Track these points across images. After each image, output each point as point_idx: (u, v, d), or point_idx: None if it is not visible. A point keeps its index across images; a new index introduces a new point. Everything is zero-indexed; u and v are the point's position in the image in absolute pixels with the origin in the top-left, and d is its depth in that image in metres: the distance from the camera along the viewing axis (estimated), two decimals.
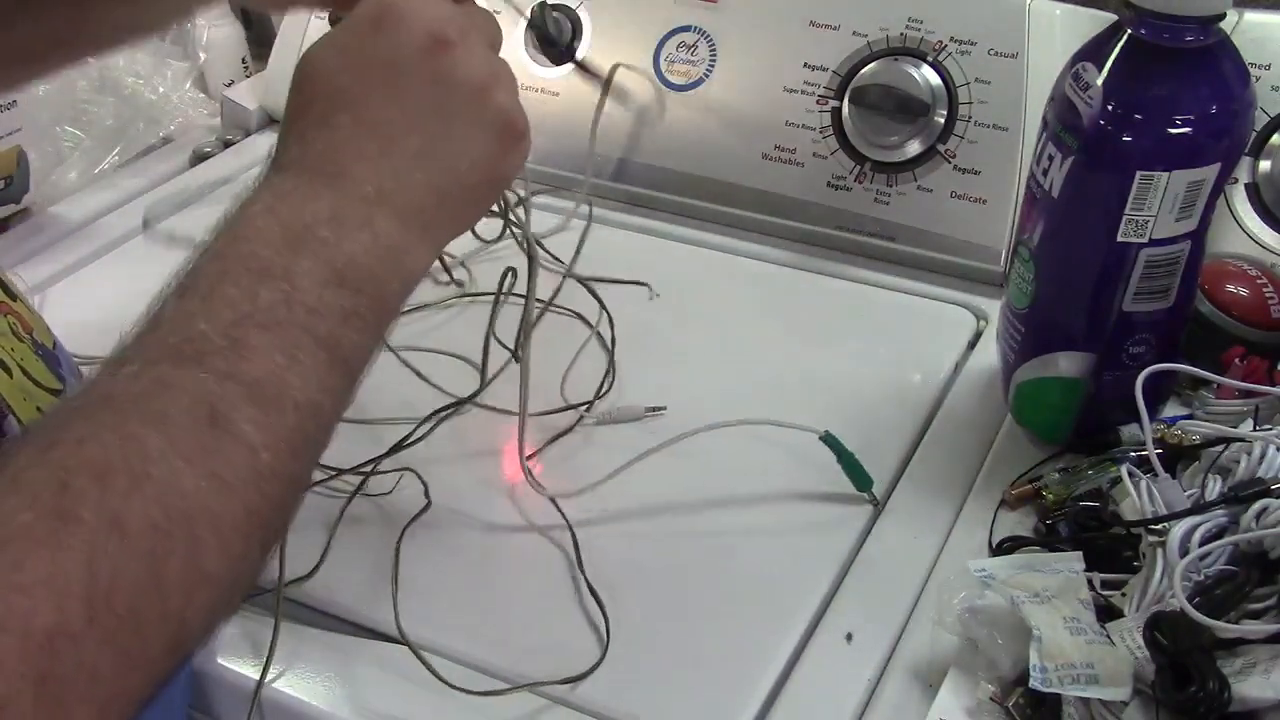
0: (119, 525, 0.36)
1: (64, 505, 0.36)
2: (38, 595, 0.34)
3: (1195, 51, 0.58)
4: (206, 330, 0.42)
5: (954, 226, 0.84)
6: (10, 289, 0.57)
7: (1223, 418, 0.64)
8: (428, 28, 0.50)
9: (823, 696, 0.56)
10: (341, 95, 0.49)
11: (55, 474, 0.37)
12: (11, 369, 0.52)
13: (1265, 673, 0.48)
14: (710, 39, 0.91)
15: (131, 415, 0.40)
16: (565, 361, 0.76)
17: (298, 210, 0.46)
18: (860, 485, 0.66)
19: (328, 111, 0.49)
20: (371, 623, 0.60)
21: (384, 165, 0.49)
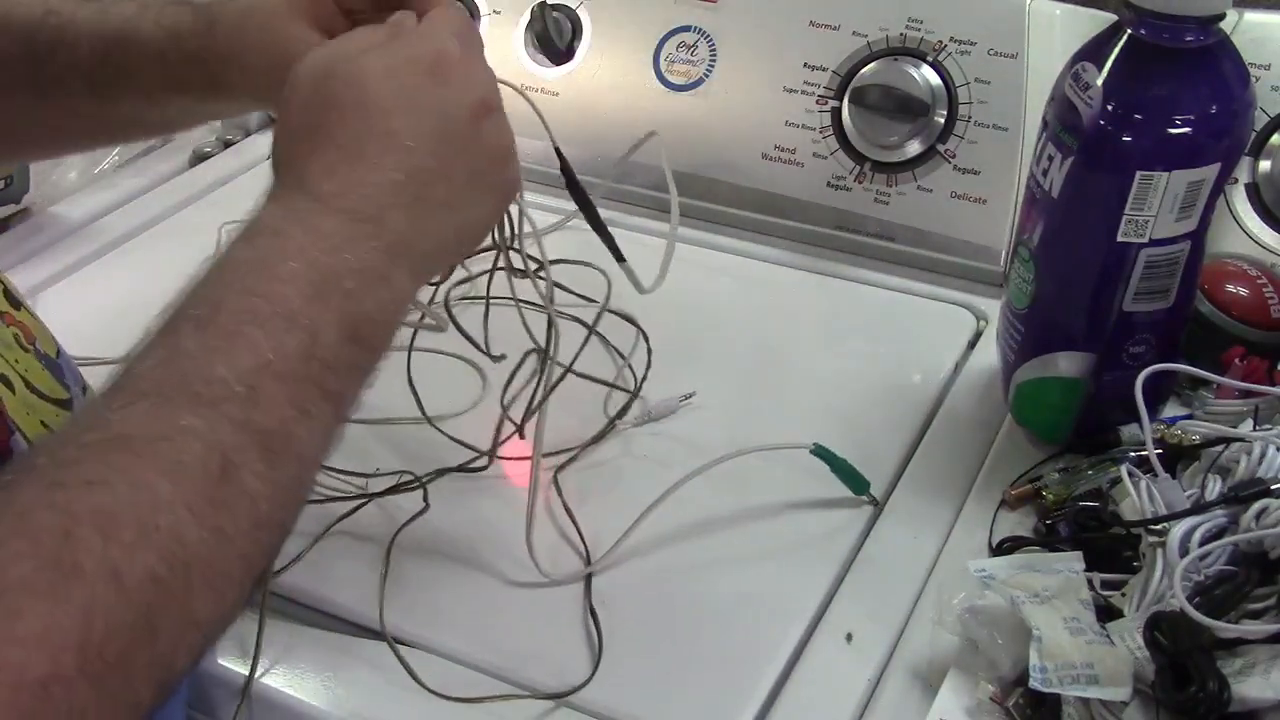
0: (118, 578, 0.36)
1: (66, 555, 0.36)
2: (32, 647, 0.34)
3: (1195, 51, 0.58)
4: (226, 375, 0.42)
5: (954, 226, 0.84)
6: (14, 297, 0.57)
7: (1223, 418, 0.64)
8: (481, 88, 0.51)
9: (823, 696, 0.56)
10: (392, 137, 0.48)
11: (60, 520, 0.36)
12: (15, 384, 0.51)
13: (1265, 673, 0.48)
14: (710, 39, 0.91)
15: (145, 460, 0.39)
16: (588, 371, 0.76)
17: (331, 257, 0.45)
18: (857, 489, 0.66)
19: (378, 150, 0.48)
20: (364, 620, 0.60)
21: (414, 216, 0.48)
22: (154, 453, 0.39)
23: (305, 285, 0.45)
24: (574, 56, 0.95)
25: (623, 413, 0.72)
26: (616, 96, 0.93)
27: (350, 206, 0.47)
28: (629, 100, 0.93)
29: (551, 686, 0.56)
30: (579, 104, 0.94)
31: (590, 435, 0.71)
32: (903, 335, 0.80)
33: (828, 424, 0.72)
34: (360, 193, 0.47)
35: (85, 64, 0.60)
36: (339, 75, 0.49)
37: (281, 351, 0.43)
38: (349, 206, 0.47)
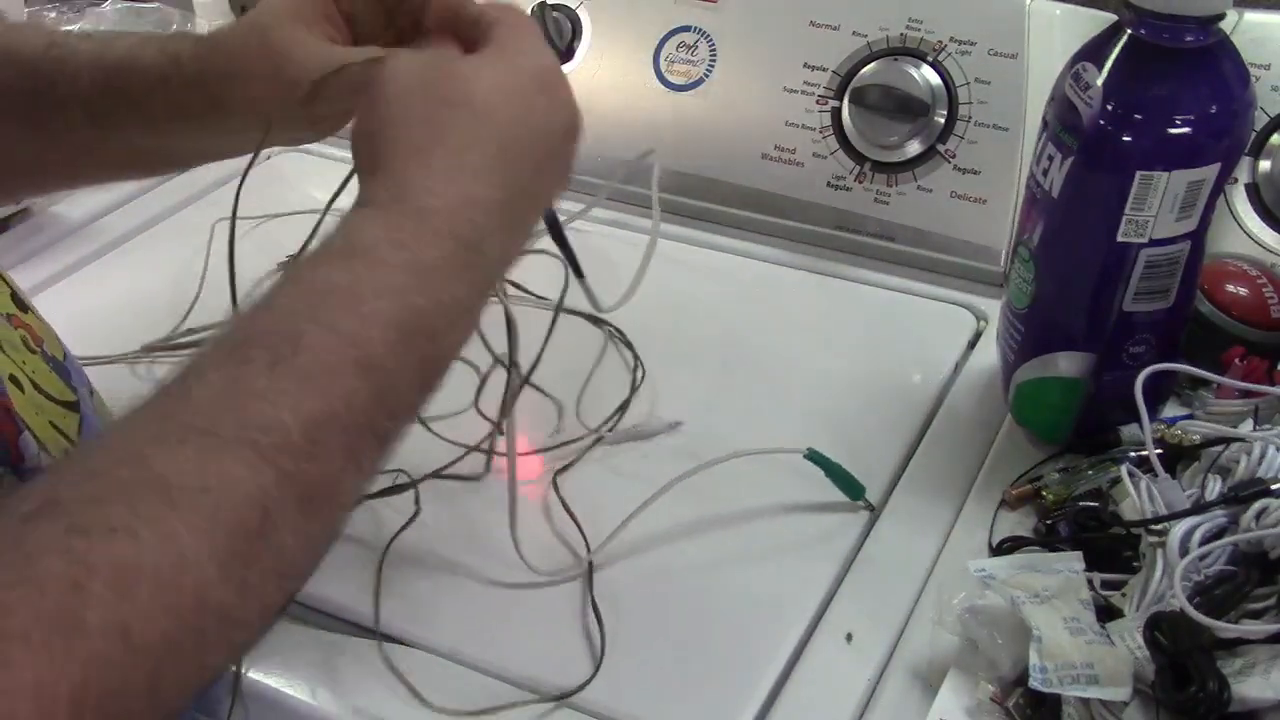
0: (127, 637, 0.34)
1: (72, 610, 0.34)
2: (21, 700, 0.32)
3: (1195, 51, 0.58)
4: (289, 424, 0.39)
5: (954, 226, 0.84)
6: (21, 300, 0.57)
7: (1223, 418, 0.64)
8: (574, 105, 0.49)
9: (823, 696, 0.56)
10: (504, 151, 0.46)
11: (73, 570, 0.34)
12: (24, 384, 0.51)
13: (1265, 673, 0.48)
14: (710, 39, 0.91)
15: (180, 512, 0.36)
16: (574, 372, 0.76)
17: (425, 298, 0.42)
18: (853, 495, 0.66)
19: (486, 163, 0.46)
20: (359, 619, 0.61)
21: (506, 240, 0.46)
22: (190, 504, 0.37)
23: (393, 329, 0.41)
24: (574, 56, 0.95)
25: (624, 408, 0.72)
26: (616, 96, 0.93)
27: (455, 230, 0.44)
28: (629, 100, 0.93)
29: (552, 685, 0.56)
30: (579, 104, 0.94)
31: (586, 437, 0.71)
32: (903, 335, 0.80)
33: (827, 424, 0.72)
34: (467, 214, 0.44)
35: (86, 93, 0.58)
36: (448, 74, 0.47)
37: (352, 403, 0.40)
38: (456, 232, 0.44)
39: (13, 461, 0.48)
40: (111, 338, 0.78)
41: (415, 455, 0.66)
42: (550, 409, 0.73)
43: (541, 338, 0.68)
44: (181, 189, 0.99)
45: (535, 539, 0.63)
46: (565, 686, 0.56)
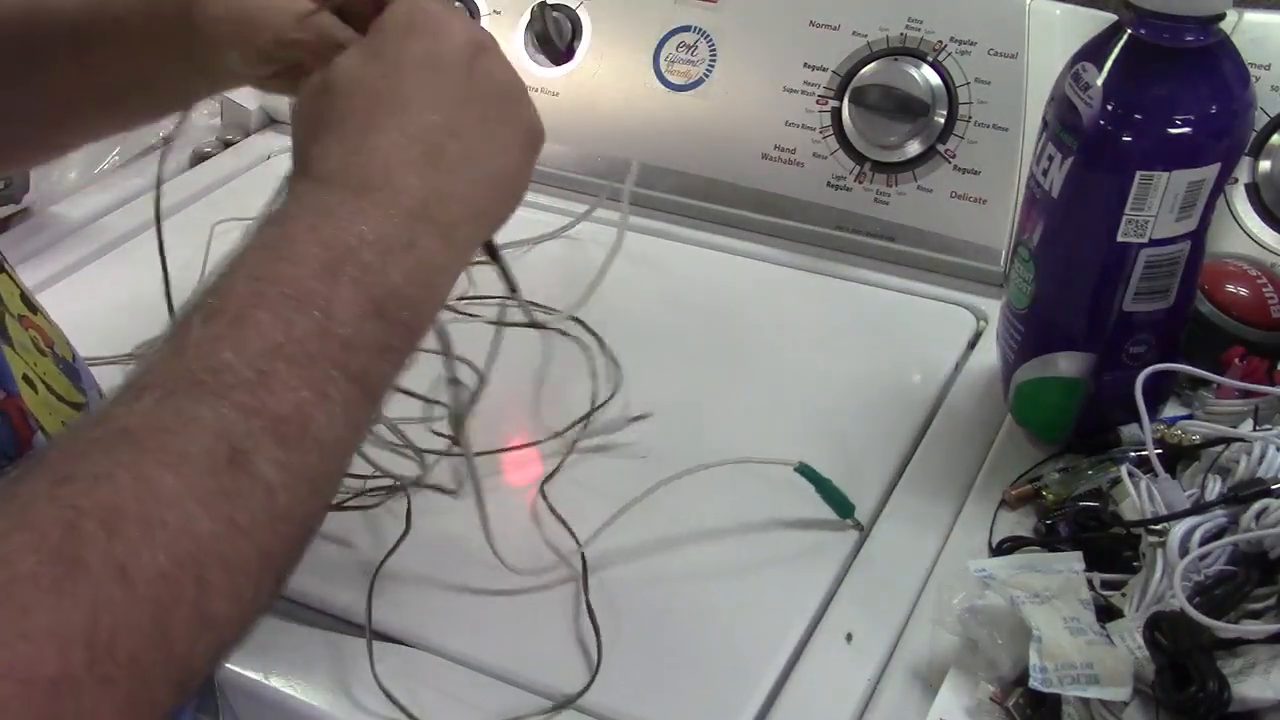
0: (124, 575, 0.35)
1: (70, 550, 0.35)
2: (41, 643, 0.33)
3: (1195, 51, 0.58)
4: (232, 360, 0.40)
5: (954, 226, 0.84)
6: (31, 301, 0.57)
7: (1223, 418, 0.64)
8: (465, 31, 0.49)
9: (823, 696, 0.56)
10: (382, 101, 0.47)
11: (64, 513, 0.35)
12: (37, 385, 0.51)
13: (1265, 673, 0.48)
14: (710, 39, 0.91)
15: (149, 453, 0.38)
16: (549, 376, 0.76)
17: (342, 230, 0.44)
18: (842, 513, 0.65)
19: (370, 119, 0.46)
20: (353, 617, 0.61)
21: (429, 174, 0.46)
22: (158, 445, 0.38)
23: (315, 265, 0.43)
24: (574, 56, 0.95)
25: (590, 413, 0.72)
26: (616, 96, 0.93)
27: (355, 179, 0.45)
28: (629, 100, 0.93)
29: (551, 689, 0.56)
30: (579, 104, 0.94)
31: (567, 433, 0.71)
32: (903, 335, 0.80)
33: (828, 424, 0.72)
34: (360, 162, 0.45)
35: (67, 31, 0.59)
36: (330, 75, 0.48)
37: (292, 333, 0.41)
38: (355, 178, 0.45)
39: None
40: (112, 338, 0.78)
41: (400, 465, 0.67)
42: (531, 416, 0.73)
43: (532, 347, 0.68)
44: (182, 189, 0.99)
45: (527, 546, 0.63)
46: (564, 690, 0.56)
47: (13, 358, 0.50)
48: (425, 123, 0.47)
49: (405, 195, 0.45)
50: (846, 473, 0.68)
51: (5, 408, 0.47)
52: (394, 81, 0.47)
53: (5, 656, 0.32)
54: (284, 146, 1.04)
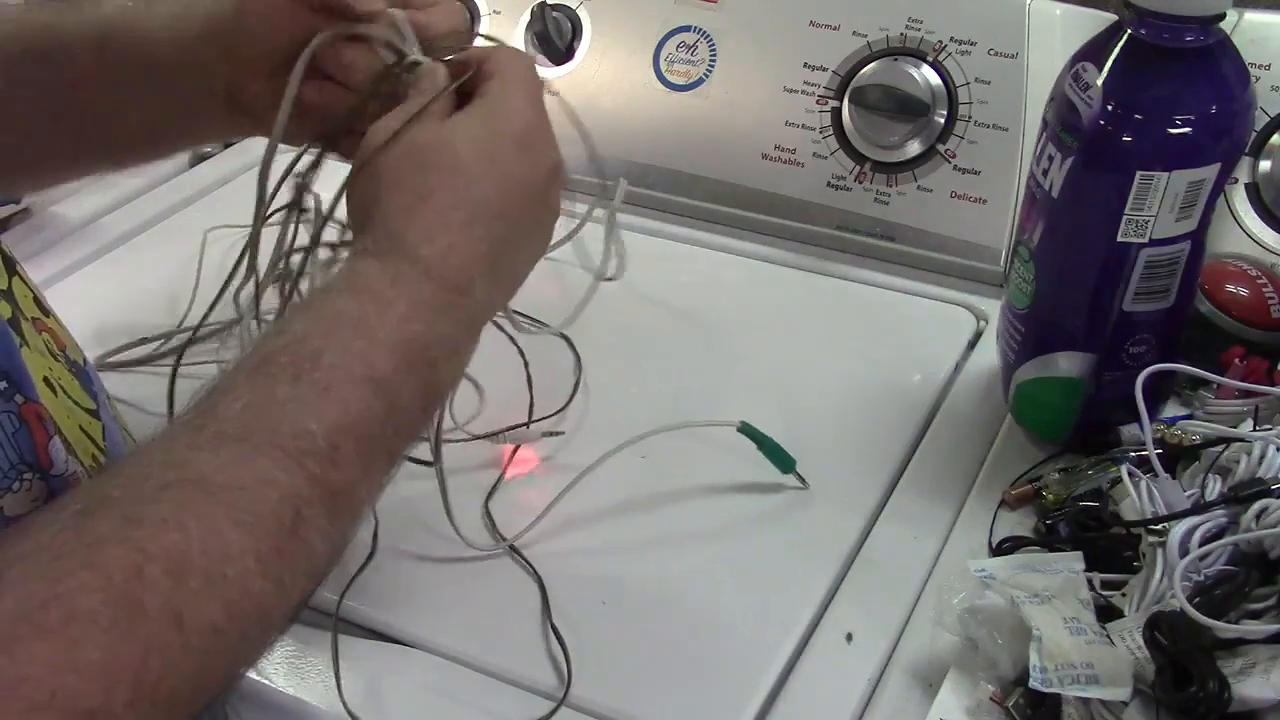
0: (180, 623, 0.37)
1: (134, 594, 0.36)
2: (89, 678, 0.35)
3: (1195, 51, 0.58)
4: (315, 430, 0.42)
5: (954, 226, 0.84)
6: (44, 305, 0.57)
7: (1223, 418, 0.64)
8: (556, 155, 0.52)
9: (823, 696, 0.56)
10: (485, 207, 0.50)
11: (133, 557, 0.37)
12: (56, 387, 0.52)
13: (1265, 673, 0.48)
14: (710, 39, 0.91)
15: (222, 508, 0.39)
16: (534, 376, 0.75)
17: (425, 327, 0.47)
18: (784, 468, 0.66)
19: (470, 219, 0.49)
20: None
21: (492, 283, 0.50)
22: (231, 502, 0.40)
23: (398, 353, 0.46)
24: (574, 56, 0.95)
25: (564, 408, 0.72)
26: (616, 96, 0.93)
27: (446, 276, 0.48)
28: (629, 100, 0.93)
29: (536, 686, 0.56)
30: (579, 104, 0.93)
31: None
32: (903, 335, 0.80)
33: (828, 424, 0.72)
34: (455, 263, 0.49)
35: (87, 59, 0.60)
36: (430, 140, 0.51)
37: (366, 415, 0.44)
38: (445, 276, 0.48)
39: (43, 467, 0.48)
40: (111, 338, 0.78)
41: None
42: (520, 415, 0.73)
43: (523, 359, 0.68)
44: (182, 189, 0.99)
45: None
46: (545, 687, 0.56)
47: (33, 360, 0.50)
48: (506, 235, 0.50)
49: (475, 303, 0.49)
50: (847, 472, 0.68)
51: (24, 413, 0.48)
52: (496, 189, 0.50)
53: (51, 686, 0.34)
54: (283, 146, 1.04)
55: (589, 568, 0.63)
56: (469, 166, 0.50)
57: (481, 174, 0.50)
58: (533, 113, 0.53)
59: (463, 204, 0.50)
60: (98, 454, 0.53)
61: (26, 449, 0.47)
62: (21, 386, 0.48)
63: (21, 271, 0.56)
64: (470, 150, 0.50)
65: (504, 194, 0.51)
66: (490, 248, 0.50)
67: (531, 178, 0.52)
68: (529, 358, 0.73)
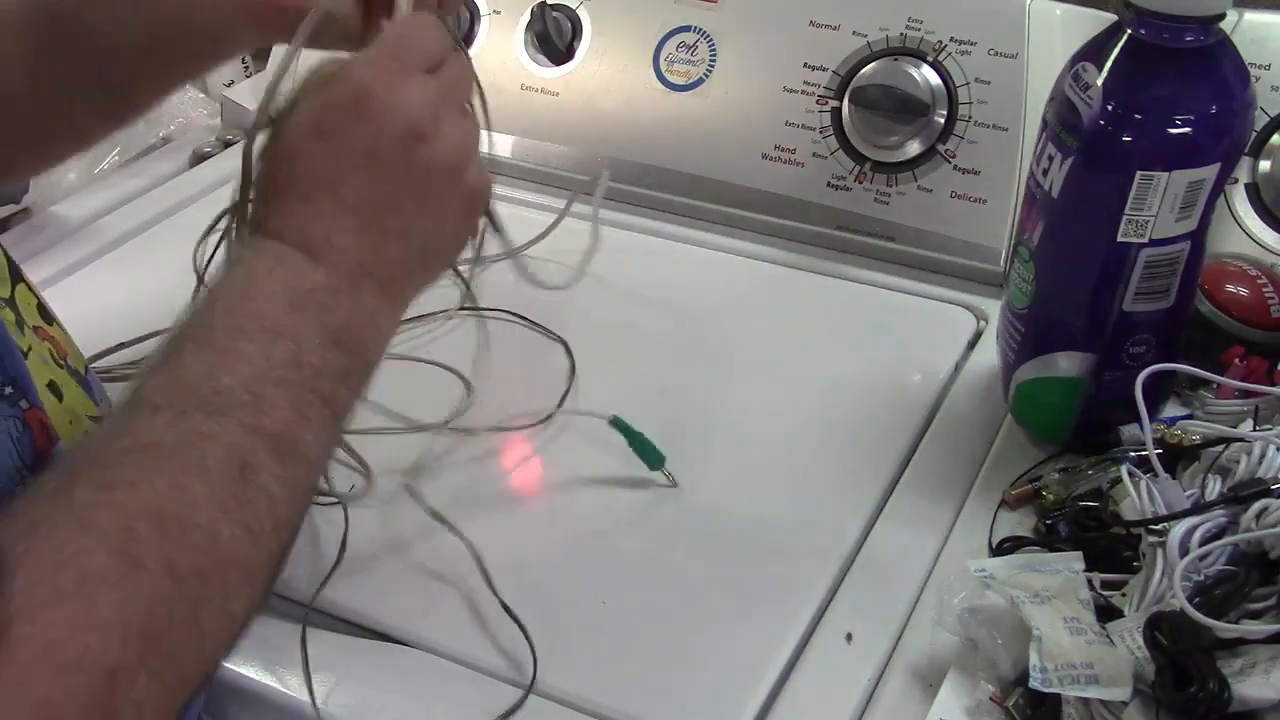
0: (173, 572, 0.39)
1: (131, 550, 0.38)
2: (108, 634, 0.37)
3: (1195, 51, 0.58)
4: (231, 385, 0.45)
5: (954, 226, 0.84)
6: (47, 312, 0.57)
7: (1223, 418, 0.64)
8: (405, 118, 0.52)
9: (823, 696, 0.56)
10: (321, 178, 0.51)
11: (121, 516, 0.39)
12: (61, 392, 0.52)
13: (1265, 673, 0.48)
14: (710, 39, 0.91)
15: (177, 464, 0.42)
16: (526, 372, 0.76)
17: (298, 276, 0.49)
18: (652, 464, 0.67)
19: (309, 191, 0.51)
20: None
21: (364, 241, 0.51)
22: (183, 457, 0.42)
23: (280, 299, 0.48)
24: (574, 56, 0.95)
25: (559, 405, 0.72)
26: (616, 96, 0.93)
27: (300, 239, 0.50)
28: (629, 100, 0.93)
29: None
30: (579, 104, 0.94)
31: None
32: (903, 335, 0.80)
33: (827, 424, 0.72)
34: (302, 225, 0.50)
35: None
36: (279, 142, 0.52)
37: (273, 360, 0.46)
38: (299, 239, 0.50)
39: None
40: (111, 338, 0.78)
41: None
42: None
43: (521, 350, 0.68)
44: (182, 189, 0.99)
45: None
46: (562, 693, 0.56)
47: (37, 366, 0.50)
48: (360, 199, 0.51)
49: (344, 255, 0.50)
50: (846, 472, 0.68)
51: (28, 419, 0.48)
52: (335, 162, 0.52)
53: (76, 648, 0.36)
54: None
55: (588, 567, 0.63)
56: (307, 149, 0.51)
57: (317, 151, 0.51)
58: (370, 75, 0.52)
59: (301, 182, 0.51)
60: None
61: (28, 453, 0.48)
62: (26, 392, 0.48)
63: (26, 279, 0.56)
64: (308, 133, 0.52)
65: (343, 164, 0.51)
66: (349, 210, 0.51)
67: (373, 144, 0.52)
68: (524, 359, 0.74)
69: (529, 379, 0.76)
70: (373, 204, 0.52)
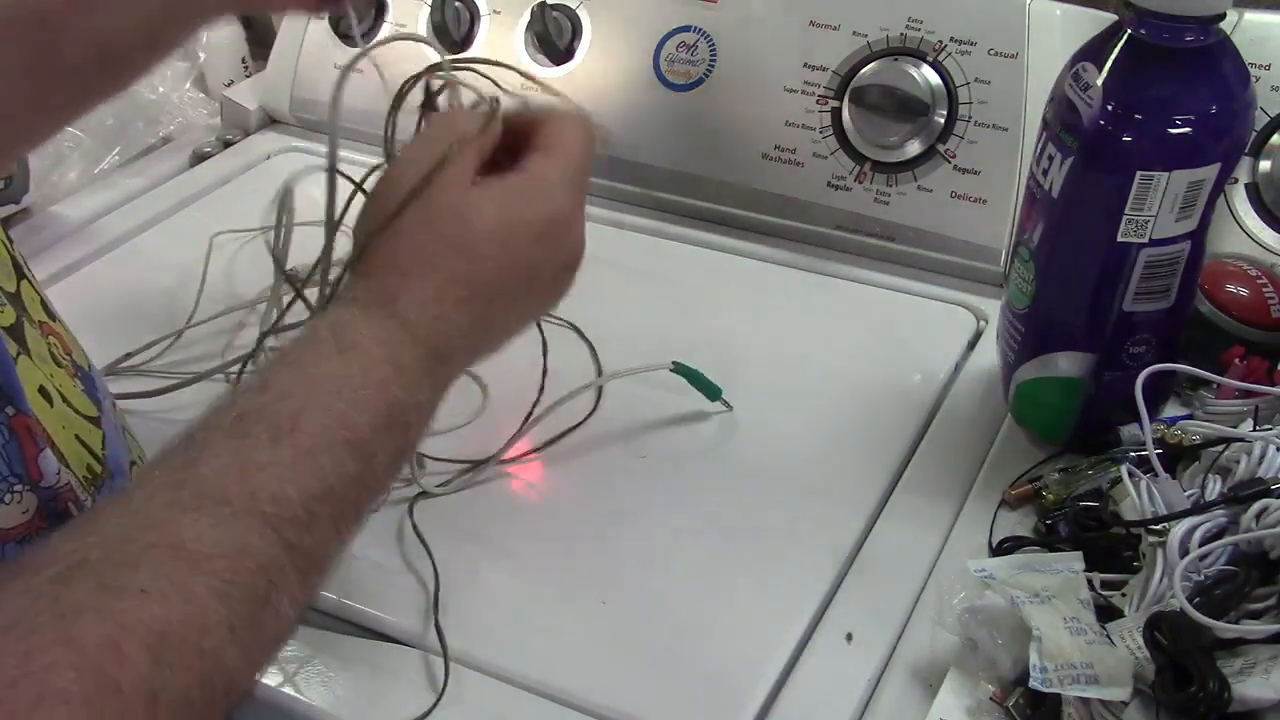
0: (154, 702, 0.36)
1: (109, 671, 0.35)
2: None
3: (1195, 51, 0.58)
4: (293, 497, 0.42)
5: (954, 226, 0.84)
6: (50, 308, 0.56)
7: (1222, 418, 0.64)
8: (576, 248, 0.52)
9: (823, 696, 0.56)
10: (484, 289, 0.50)
11: (110, 630, 0.36)
12: (53, 396, 0.51)
13: (1265, 673, 0.48)
14: (710, 39, 0.91)
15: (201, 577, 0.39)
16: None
17: (404, 393, 0.47)
18: (711, 396, 0.71)
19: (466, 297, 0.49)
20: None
21: (474, 354, 0.51)
22: (211, 570, 0.39)
23: (378, 416, 0.45)
24: (574, 56, 0.95)
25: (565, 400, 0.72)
26: (616, 96, 0.93)
27: (428, 341, 0.48)
28: (629, 100, 0.93)
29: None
30: (579, 104, 0.94)
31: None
32: (903, 335, 0.80)
33: (827, 423, 0.72)
34: (442, 331, 0.49)
35: None
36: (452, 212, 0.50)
37: (342, 479, 0.44)
38: (428, 340, 0.48)
39: (32, 479, 0.48)
40: (111, 339, 0.78)
41: None
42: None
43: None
44: (182, 189, 0.99)
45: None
46: (560, 692, 0.56)
47: (29, 369, 0.50)
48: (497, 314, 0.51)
49: (452, 370, 0.50)
50: (846, 472, 0.68)
51: (14, 425, 0.47)
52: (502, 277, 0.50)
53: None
54: (283, 146, 1.04)
55: (588, 567, 0.63)
56: (480, 247, 0.50)
57: (490, 256, 0.50)
58: (565, 200, 0.52)
59: (462, 281, 0.49)
60: (94, 463, 0.53)
61: (16, 461, 0.47)
62: (13, 399, 0.48)
63: (30, 275, 0.56)
64: (486, 231, 0.50)
65: (508, 280, 0.50)
66: (480, 324, 0.50)
67: (543, 269, 0.51)
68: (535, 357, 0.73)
69: (532, 375, 0.76)
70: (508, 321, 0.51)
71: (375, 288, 0.49)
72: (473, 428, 0.71)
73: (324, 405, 0.44)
